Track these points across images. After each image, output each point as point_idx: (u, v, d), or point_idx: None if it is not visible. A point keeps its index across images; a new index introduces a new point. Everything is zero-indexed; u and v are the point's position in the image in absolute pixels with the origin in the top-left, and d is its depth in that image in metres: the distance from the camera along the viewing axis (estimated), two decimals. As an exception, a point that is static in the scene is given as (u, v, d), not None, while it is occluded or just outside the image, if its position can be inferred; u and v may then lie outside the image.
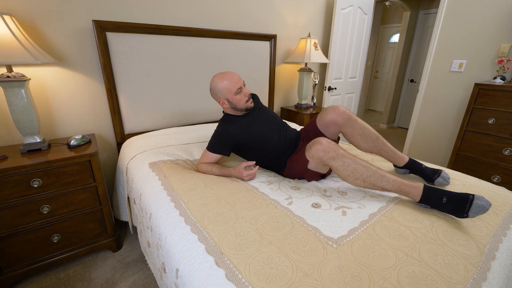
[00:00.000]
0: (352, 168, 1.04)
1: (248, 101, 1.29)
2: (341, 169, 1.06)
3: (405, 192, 1.01)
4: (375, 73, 5.59)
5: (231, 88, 1.23)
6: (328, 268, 0.70)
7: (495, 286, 0.69)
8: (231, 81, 1.23)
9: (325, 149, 1.06)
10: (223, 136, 1.28)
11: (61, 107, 1.54)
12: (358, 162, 1.04)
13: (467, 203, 0.88)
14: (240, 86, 1.24)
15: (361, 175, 1.04)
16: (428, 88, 2.61)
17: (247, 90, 1.28)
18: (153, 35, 1.67)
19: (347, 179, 1.08)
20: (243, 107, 1.28)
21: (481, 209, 0.86)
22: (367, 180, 1.04)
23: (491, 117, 1.97)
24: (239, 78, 1.26)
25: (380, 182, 1.02)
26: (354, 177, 1.05)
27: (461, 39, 2.32)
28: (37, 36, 1.38)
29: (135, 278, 1.37)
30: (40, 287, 1.31)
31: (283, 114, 2.63)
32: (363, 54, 3.04)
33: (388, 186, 1.02)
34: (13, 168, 1.14)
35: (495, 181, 2.02)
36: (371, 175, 1.03)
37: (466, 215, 0.88)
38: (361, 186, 1.07)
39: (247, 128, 1.30)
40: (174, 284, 0.80)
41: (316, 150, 1.09)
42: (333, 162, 1.06)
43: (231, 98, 1.25)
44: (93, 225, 1.44)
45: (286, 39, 2.46)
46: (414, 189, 0.99)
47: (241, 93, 1.25)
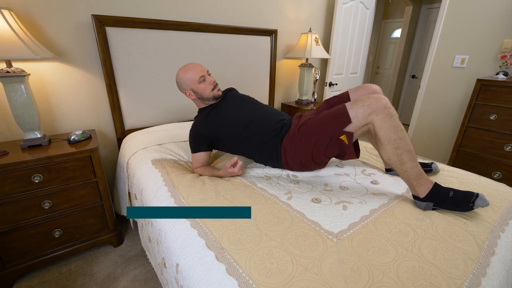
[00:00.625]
0: (402, 134, 0.97)
1: (214, 89, 1.28)
2: (393, 130, 0.97)
3: (419, 183, 0.97)
4: (376, 68, 5.55)
5: (193, 78, 1.23)
6: (328, 262, 0.70)
7: (495, 281, 0.69)
8: (194, 71, 1.24)
9: (387, 103, 0.98)
10: (196, 137, 1.28)
11: (61, 103, 1.54)
12: (406, 133, 0.99)
13: (473, 196, 0.92)
14: (203, 74, 1.25)
15: (404, 146, 0.97)
16: (430, 84, 2.59)
17: (212, 78, 1.29)
18: (153, 30, 1.65)
19: (388, 143, 0.98)
20: (210, 95, 1.28)
21: (484, 202, 0.90)
22: (404, 154, 0.97)
23: (493, 113, 1.96)
24: (202, 67, 1.27)
25: (411, 163, 0.97)
26: (397, 145, 0.97)
27: (463, 34, 2.30)
28: (36, 31, 1.37)
29: (136, 273, 1.38)
30: (42, 281, 1.32)
31: (284, 109, 2.63)
32: (364, 49, 3.02)
33: (412, 171, 0.97)
34: (14, 163, 1.15)
35: (495, 177, 2.02)
36: (411, 150, 0.98)
37: (472, 204, 0.90)
38: (392, 159, 1.00)
39: (217, 116, 1.28)
40: (174, 279, 0.81)
41: (378, 99, 0.98)
42: (388, 119, 0.97)
43: (195, 88, 1.25)
44: (94, 220, 1.45)
45: (287, 34, 2.44)
46: (426, 185, 0.97)
47: (205, 82, 1.26)
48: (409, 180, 0.99)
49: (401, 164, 0.98)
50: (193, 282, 0.70)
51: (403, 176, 1.00)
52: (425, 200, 0.97)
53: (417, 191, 0.98)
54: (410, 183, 0.99)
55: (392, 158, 0.99)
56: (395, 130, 0.97)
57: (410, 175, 0.98)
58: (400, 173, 1.01)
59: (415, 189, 0.99)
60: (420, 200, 0.98)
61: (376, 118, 0.98)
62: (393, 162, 1.00)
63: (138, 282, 1.32)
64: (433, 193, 0.96)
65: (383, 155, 1.03)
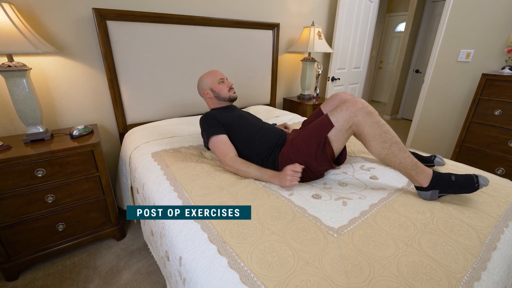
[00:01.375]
0: (385, 128, 1.00)
1: (230, 90, 1.40)
2: (375, 126, 0.99)
3: (418, 172, 0.97)
4: (380, 63, 5.50)
5: (214, 79, 1.38)
6: (329, 257, 0.70)
7: (495, 275, 0.69)
8: (215, 74, 1.40)
9: (363, 102, 1.02)
10: (211, 119, 1.27)
11: (62, 97, 1.54)
12: (389, 127, 1.02)
13: (473, 177, 0.94)
14: (222, 77, 1.40)
15: (390, 139, 0.99)
16: (434, 79, 2.56)
17: (230, 82, 1.42)
18: (154, 24, 1.64)
19: (375, 140, 1.00)
20: (227, 95, 1.39)
21: (485, 181, 0.93)
22: (393, 146, 0.99)
23: (497, 109, 1.94)
24: (222, 74, 1.43)
25: (402, 154, 0.99)
26: (383, 139, 0.99)
27: (469, 28, 2.26)
28: (37, 25, 1.37)
29: (139, 266, 1.40)
30: (46, 274, 1.35)
31: (286, 105, 2.62)
32: (367, 43, 2.99)
33: (406, 161, 0.98)
34: (17, 158, 1.15)
35: (499, 173, 2.01)
36: (398, 142, 1.00)
37: (478, 185, 0.93)
38: (382, 155, 1.01)
39: (229, 113, 1.34)
40: (177, 272, 0.82)
41: (354, 102, 1.02)
42: (368, 117, 1.00)
43: (214, 87, 1.38)
44: (97, 214, 1.47)
45: (289, 28, 2.42)
46: (426, 173, 0.97)
47: (223, 83, 1.40)
48: (406, 171, 0.99)
49: (393, 157, 1.00)
50: (195, 274, 0.71)
51: (399, 169, 1.01)
52: (429, 188, 0.96)
53: (419, 181, 0.98)
54: (409, 174, 1.00)
55: (382, 152, 1.01)
56: (378, 126, 1.00)
57: (406, 165, 0.99)
58: (396, 167, 1.01)
59: (416, 180, 0.99)
60: (424, 190, 0.97)
61: (357, 119, 1.02)
62: (385, 156, 1.01)
63: (141, 275, 1.34)
64: (436, 180, 0.96)
65: (373, 153, 1.05)
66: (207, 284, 0.67)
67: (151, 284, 1.29)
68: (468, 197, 1.01)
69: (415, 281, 0.64)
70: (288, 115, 2.07)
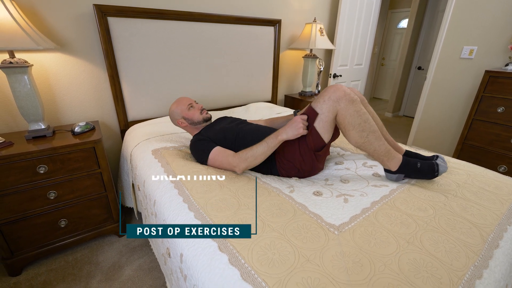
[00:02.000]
0: (365, 117, 1.02)
1: (202, 112, 1.38)
2: (355, 115, 1.01)
3: (389, 158, 1.05)
4: (382, 60, 5.46)
5: (183, 107, 1.36)
6: (329, 254, 0.70)
7: (497, 273, 0.69)
8: (182, 102, 1.38)
9: (345, 90, 1.02)
10: (202, 140, 1.25)
11: (64, 94, 1.54)
12: (369, 115, 1.04)
13: (434, 166, 1.05)
14: (190, 102, 1.38)
15: (368, 127, 1.02)
16: (436, 76, 2.54)
17: (199, 104, 1.41)
18: (154, 20, 1.63)
19: (353, 128, 1.02)
20: (200, 118, 1.37)
21: (444, 168, 1.06)
22: (370, 135, 1.02)
23: (500, 106, 1.92)
24: (189, 98, 1.42)
25: (378, 142, 1.04)
26: (361, 128, 1.02)
27: (472, 24, 2.24)
28: (38, 21, 1.36)
29: (140, 262, 1.40)
30: (49, 269, 1.36)
31: (287, 102, 2.61)
32: (370, 40, 2.96)
33: (380, 149, 1.04)
34: (19, 154, 1.16)
35: (501, 170, 2.00)
36: (375, 131, 1.04)
37: (437, 173, 1.05)
38: (359, 143, 1.05)
39: (212, 129, 1.33)
40: (178, 268, 0.82)
41: (336, 89, 1.02)
42: (350, 105, 1.00)
43: (185, 115, 1.36)
44: (99, 211, 1.47)
45: (291, 24, 2.40)
46: (396, 159, 1.05)
47: (193, 108, 1.38)
48: (379, 157, 1.06)
49: (369, 145, 1.04)
50: (196, 271, 0.71)
51: (373, 155, 1.07)
52: (396, 172, 1.06)
53: (389, 166, 1.06)
54: (381, 160, 1.07)
55: (359, 141, 1.05)
56: (358, 114, 1.02)
57: (379, 153, 1.05)
58: (370, 153, 1.07)
59: (386, 164, 1.07)
60: (392, 173, 1.07)
61: (340, 107, 1.02)
62: (361, 144, 1.05)
63: (143, 271, 1.35)
64: (403, 166, 1.05)
65: (350, 141, 1.07)
66: (208, 281, 0.67)
67: (152, 280, 1.30)
68: (471, 194, 1.00)
69: (416, 278, 0.64)
70: (289, 112, 2.06)
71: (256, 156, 1.08)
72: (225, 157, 1.15)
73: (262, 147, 1.08)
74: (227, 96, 2.13)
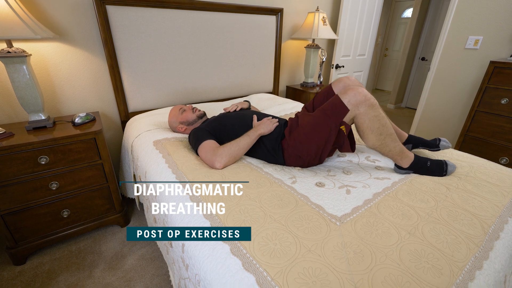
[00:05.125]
0: (383, 122, 1.04)
1: (194, 111, 1.44)
2: (375, 119, 1.03)
3: (403, 157, 1.09)
4: (385, 50, 5.38)
5: (176, 114, 1.43)
6: (331, 245, 0.71)
7: (497, 264, 0.69)
8: (173, 110, 1.46)
9: (366, 94, 1.02)
10: (200, 130, 1.25)
11: (64, 84, 1.52)
12: (387, 118, 1.07)
13: (443, 166, 1.08)
14: (181, 107, 1.45)
15: (386, 131, 1.05)
16: (440, 66, 2.51)
17: (189, 105, 1.47)
18: (154, 9, 1.60)
19: (372, 132, 1.04)
20: (193, 117, 1.43)
21: (453, 168, 1.09)
22: (387, 138, 1.05)
23: (504, 97, 1.90)
24: (179, 105, 1.48)
25: (393, 144, 1.07)
26: (379, 132, 1.04)
27: (478, 13, 2.19)
28: (35, 10, 1.34)
29: (143, 252, 1.42)
30: (53, 259, 1.38)
31: (289, 92, 2.58)
32: (373, 30, 2.91)
33: (395, 150, 1.07)
34: (20, 145, 1.16)
35: (502, 162, 1.99)
36: (392, 133, 1.06)
37: (445, 173, 1.08)
38: (376, 145, 1.08)
39: (209, 122, 1.34)
40: (180, 258, 0.83)
41: (357, 93, 1.02)
42: (370, 110, 1.01)
43: (180, 119, 1.42)
44: (101, 201, 1.48)
45: (293, 13, 2.35)
46: (409, 158, 1.10)
47: (185, 111, 1.44)
48: (393, 156, 1.10)
49: (385, 147, 1.08)
50: (198, 261, 0.72)
51: (387, 155, 1.10)
52: (406, 169, 1.10)
53: (401, 163, 1.11)
54: (394, 159, 1.11)
55: (376, 143, 1.08)
56: (377, 119, 1.04)
57: (394, 153, 1.09)
58: (384, 153, 1.10)
59: (398, 161, 1.11)
60: (402, 169, 1.11)
61: (359, 112, 1.03)
62: (377, 146, 1.09)
63: (145, 261, 1.37)
64: (414, 164, 1.09)
65: (367, 143, 1.10)
66: (209, 270, 0.68)
67: (155, 269, 1.32)
68: (473, 186, 1.00)
69: (417, 269, 0.65)
70: (291, 103, 2.05)
71: (240, 149, 1.15)
72: (208, 152, 1.12)
73: (246, 141, 1.17)
74: (228, 87, 2.11)
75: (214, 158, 1.09)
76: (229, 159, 1.11)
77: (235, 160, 1.15)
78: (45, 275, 1.29)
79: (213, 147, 1.14)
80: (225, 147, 1.12)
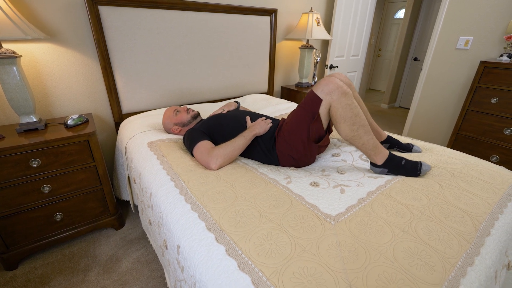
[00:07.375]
0: (356, 111, 1.04)
1: (188, 112, 1.44)
2: (347, 108, 1.03)
3: (376, 153, 1.07)
4: (378, 51, 5.44)
5: (170, 115, 1.43)
6: (326, 244, 0.71)
7: (488, 260, 0.71)
8: (168, 112, 1.45)
9: (338, 82, 1.02)
10: (195, 131, 1.25)
11: (55, 86, 1.50)
12: (360, 109, 1.06)
13: (417, 165, 1.06)
14: (175, 108, 1.45)
15: (359, 121, 1.04)
16: (432, 67, 2.54)
17: (184, 106, 1.47)
18: (147, 9, 1.59)
19: (345, 122, 1.04)
20: (188, 118, 1.43)
21: (427, 168, 1.07)
22: (359, 129, 1.05)
23: (494, 96, 1.94)
24: (173, 106, 1.48)
25: (366, 136, 1.06)
26: (352, 122, 1.04)
27: (469, 14, 2.23)
28: (26, 10, 1.32)
29: (138, 255, 1.41)
30: (46, 263, 1.36)
31: (283, 93, 2.59)
32: (366, 30, 2.94)
33: (369, 143, 1.06)
34: (11, 147, 1.14)
35: (493, 160, 2.03)
36: (365, 125, 1.06)
37: (419, 172, 1.06)
38: (349, 136, 1.07)
39: (203, 123, 1.34)
40: (176, 260, 0.83)
41: (328, 82, 1.03)
42: (343, 98, 1.02)
43: (175, 120, 1.42)
44: (95, 204, 1.46)
45: (287, 14, 2.36)
46: (383, 154, 1.08)
47: (179, 112, 1.44)
48: (367, 151, 1.08)
49: (358, 139, 1.06)
50: (193, 263, 0.72)
51: (361, 149, 1.09)
52: (381, 166, 1.08)
53: (375, 160, 1.09)
54: (368, 154, 1.09)
55: (349, 134, 1.07)
56: (350, 108, 1.03)
57: (367, 147, 1.07)
58: (358, 147, 1.09)
59: (373, 158, 1.09)
60: (377, 166, 1.09)
61: (332, 99, 1.03)
62: (351, 137, 1.07)
63: (140, 263, 1.36)
64: (389, 161, 1.08)
65: (341, 134, 1.09)
66: (205, 272, 0.68)
67: (150, 272, 1.31)
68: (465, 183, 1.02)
69: (410, 266, 0.65)
70: (286, 103, 2.05)
71: (236, 149, 1.14)
72: (204, 153, 1.12)
73: (241, 141, 1.16)
74: (223, 87, 2.11)
75: (209, 159, 1.09)
76: (224, 160, 1.11)
77: (231, 160, 1.15)
78: (37, 280, 1.26)
79: (208, 148, 1.14)
80: (221, 148, 1.13)
